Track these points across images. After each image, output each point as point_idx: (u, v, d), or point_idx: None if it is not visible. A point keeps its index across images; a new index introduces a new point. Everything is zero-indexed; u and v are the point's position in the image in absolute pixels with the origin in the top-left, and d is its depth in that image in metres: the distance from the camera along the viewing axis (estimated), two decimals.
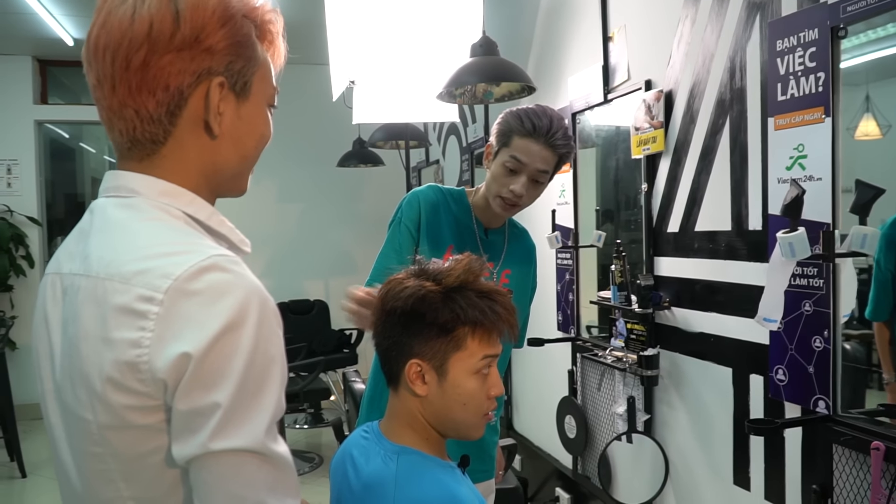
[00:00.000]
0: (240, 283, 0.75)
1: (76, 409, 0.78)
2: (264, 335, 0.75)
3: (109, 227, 0.81)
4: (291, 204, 6.26)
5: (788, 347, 1.73)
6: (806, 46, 1.63)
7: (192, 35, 0.78)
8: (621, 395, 2.49)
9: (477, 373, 1.09)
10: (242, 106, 0.86)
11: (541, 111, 1.68)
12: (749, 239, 1.90)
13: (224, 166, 0.87)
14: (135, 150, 0.82)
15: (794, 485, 1.78)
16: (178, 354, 0.71)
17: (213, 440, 0.72)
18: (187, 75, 0.79)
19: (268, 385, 0.75)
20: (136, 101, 0.79)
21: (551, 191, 3.06)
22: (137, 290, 0.73)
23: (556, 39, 3.07)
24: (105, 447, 0.77)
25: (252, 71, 0.85)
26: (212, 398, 0.71)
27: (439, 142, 4.99)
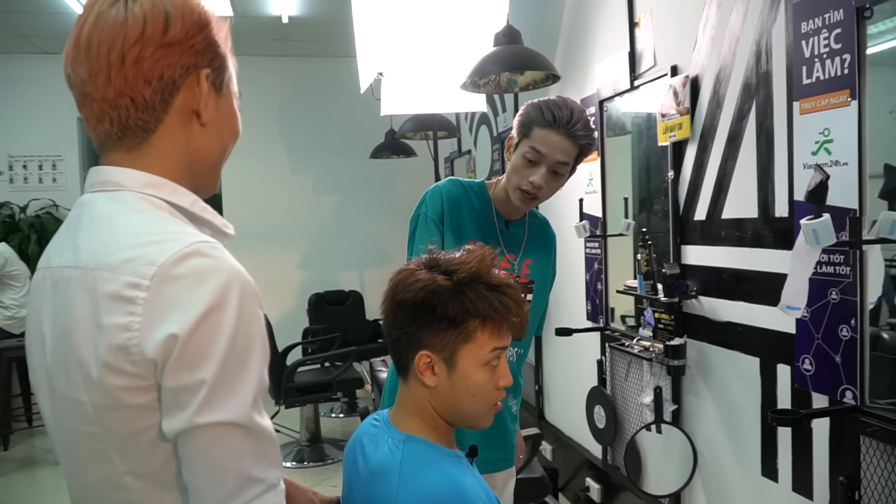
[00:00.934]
0: (221, 267, 0.79)
1: (70, 392, 0.82)
2: (246, 315, 0.79)
3: (97, 220, 0.85)
4: (326, 195, 6.32)
5: (815, 336, 1.70)
6: (831, 28, 1.59)
7: (181, 34, 0.86)
8: (648, 385, 2.47)
9: (486, 364, 1.09)
10: (221, 100, 0.94)
11: (562, 102, 1.66)
12: (775, 226, 1.86)
13: (207, 156, 0.94)
14: (125, 140, 0.88)
15: (821, 477, 1.74)
16: (167, 336, 0.76)
17: (199, 414, 0.77)
18: (178, 68, 0.87)
19: (250, 362, 0.80)
20: (132, 90, 0.85)
21: (579, 179, 3.04)
22: (125, 278, 0.78)
23: (583, 26, 3.04)
24: (101, 427, 0.81)
25: (226, 67, 0.94)
26: (197, 375, 0.77)
27: (471, 132, 4.98)
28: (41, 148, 5.90)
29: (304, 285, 6.14)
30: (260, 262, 6.13)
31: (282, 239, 6.19)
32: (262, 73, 6.10)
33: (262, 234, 6.12)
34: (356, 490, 1.11)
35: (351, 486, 1.13)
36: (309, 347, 5.35)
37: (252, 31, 5.45)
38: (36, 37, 5.36)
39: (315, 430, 4.61)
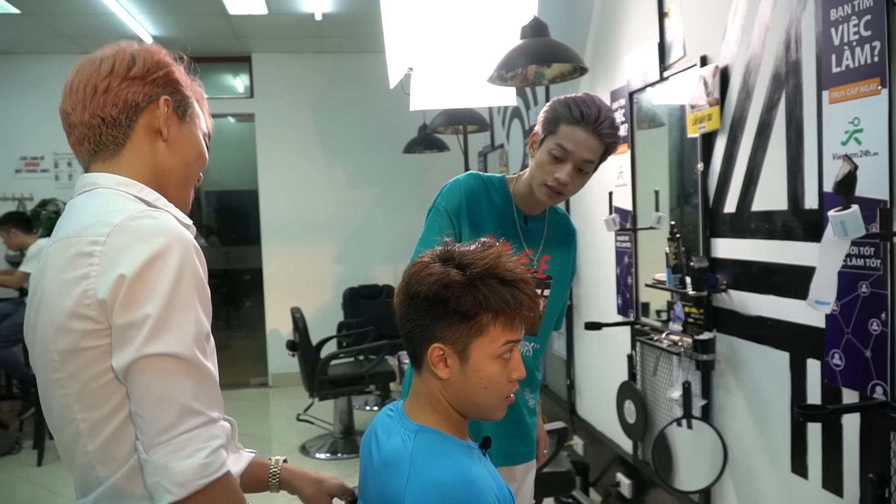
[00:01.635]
0: (165, 226, 0.95)
1: (44, 344, 0.97)
2: (187, 266, 0.93)
3: (75, 209, 1.03)
4: (361, 190, 6.36)
5: (844, 331, 1.66)
6: (860, 15, 1.55)
7: (142, 70, 1.07)
8: (678, 379, 2.44)
9: (498, 357, 1.09)
10: (184, 126, 1.12)
11: (589, 100, 1.65)
12: (805, 218, 1.82)
13: (171, 169, 1.11)
14: (100, 153, 1.06)
15: (851, 474, 1.71)
16: (116, 276, 0.90)
17: (146, 345, 0.89)
18: (140, 94, 1.07)
19: (192, 303, 0.93)
20: (103, 111, 1.05)
21: (609, 172, 3.01)
22: (87, 238, 0.94)
23: (613, 18, 3.01)
24: (63, 372, 0.95)
25: (189, 105, 1.13)
26: (143, 311, 0.90)
27: (503, 126, 4.96)
28: None
29: (339, 279, 6.20)
30: (296, 256, 6.22)
31: (317, 233, 6.25)
32: (297, 70, 6.16)
33: (298, 228, 6.20)
34: (370, 479, 1.12)
35: (366, 474, 1.15)
36: (343, 341, 5.41)
37: (286, 29, 5.50)
38: (78, 37, 5.49)
39: (348, 422, 4.66)
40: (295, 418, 4.71)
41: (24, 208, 5.88)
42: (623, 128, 2.88)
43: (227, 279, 8.80)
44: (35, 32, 5.34)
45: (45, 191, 5.96)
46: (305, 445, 4.60)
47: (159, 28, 5.38)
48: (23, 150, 6.02)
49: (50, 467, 4.31)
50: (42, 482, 4.08)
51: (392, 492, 1.03)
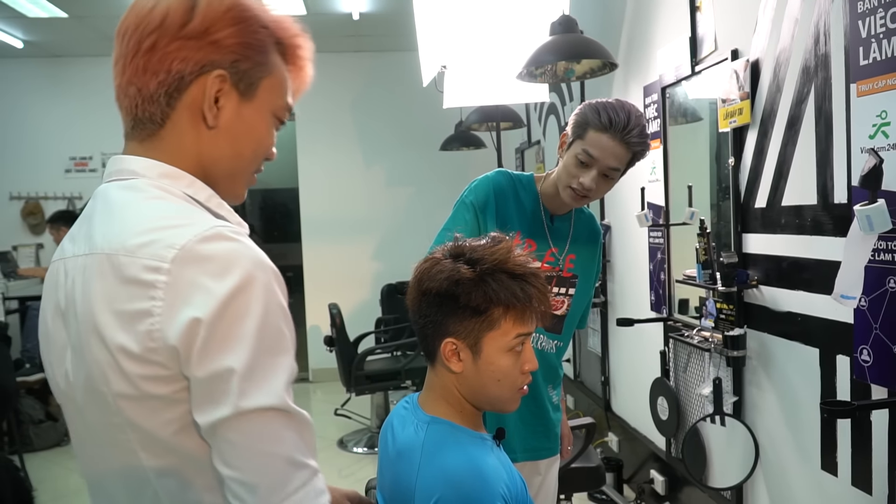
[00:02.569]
0: (244, 251, 0.77)
1: (92, 383, 0.79)
2: (272, 299, 0.77)
3: (111, 207, 0.84)
4: (400, 187, 6.42)
5: (873, 327, 1.64)
6: (887, 6, 1.53)
7: (201, 27, 0.82)
8: (708, 376, 2.43)
9: (510, 350, 1.11)
10: (245, 106, 0.88)
11: (619, 106, 1.65)
12: (834, 213, 1.80)
13: (219, 160, 0.88)
14: (137, 130, 0.87)
15: (881, 471, 1.69)
16: (189, 320, 0.73)
17: (241, 400, 0.74)
18: (191, 63, 0.83)
19: (281, 345, 0.78)
20: (140, 79, 0.84)
21: (641, 168, 2.99)
22: (143, 261, 0.75)
23: (646, 13, 2.99)
24: (121, 417, 0.78)
25: (260, 75, 0.88)
26: (228, 362, 0.73)
27: (540, 122, 4.96)
28: None
29: (378, 276, 6.26)
30: (335, 253, 6.31)
31: (356, 231, 6.33)
32: (335, 69, 6.23)
33: (338, 225, 6.28)
34: (386, 469, 1.16)
35: (382, 465, 1.18)
36: (380, 337, 5.47)
37: (325, 29, 5.58)
38: None
39: (385, 416, 4.70)
40: (333, 413, 4.79)
41: (74, 207, 6.07)
42: (656, 123, 2.86)
43: None
44: (82, 35, 5.51)
45: (94, 190, 6.10)
46: (343, 439, 4.67)
47: None
48: (72, 151, 6.21)
49: None
50: None
51: (405, 481, 1.06)
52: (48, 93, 6.12)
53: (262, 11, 0.88)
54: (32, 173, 6.16)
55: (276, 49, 0.90)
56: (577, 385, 4.29)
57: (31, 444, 4.50)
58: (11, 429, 4.26)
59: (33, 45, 5.75)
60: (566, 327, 1.81)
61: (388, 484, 1.12)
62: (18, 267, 5.82)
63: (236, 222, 0.88)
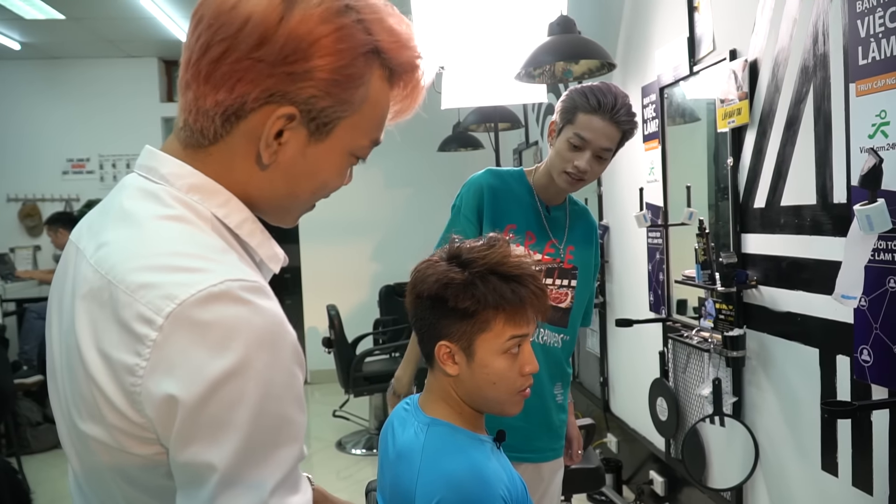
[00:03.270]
0: (251, 321, 0.64)
1: (73, 414, 0.70)
2: (277, 380, 0.64)
3: (125, 219, 0.72)
4: (398, 189, 6.42)
5: (873, 327, 1.64)
6: (886, 6, 1.53)
7: (281, 53, 0.68)
8: (708, 376, 2.42)
9: (505, 353, 1.10)
10: (313, 146, 0.75)
11: (605, 88, 1.69)
12: (834, 213, 1.80)
13: (269, 197, 0.77)
14: (186, 132, 0.74)
15: (881, 471, 1.68)
16: (164, 395, 0.62)
17: (214, 501, 0.63)
18: (258, 89, 0.69)
19: (279, 439, 0.65)
20: (198, 87, 0.71)
21: (640, 168, 3.00)
22: (139, 308, 0.64)
23: (644, 13, 2.99)
24: (101, 459, 0.69)
25: (342, 115, 0.74)
26: (207, 456, 0.62)
27: (538, 122, 4.96)
28: (128, 147, 6.20)
29: (376, 277, 6.26)
30: (334, 255, 6.30)
31: (354, 232, 6.32)
32: None
33: (336, 226, 6.27)
34: (386, 470, 1.15)
35: (382, 466, 1.18)
36: (379, 338, 5.46)
37: None
38: (121, 41, 5.64)
39: (384, 418, 4.67)
40: (331, 414, 4.78)
41: (71, 209, 6.06)
42: (654, 123, 2.86)
43: None
44: (80, 37, 5.51)
45: (91, 192, 6.14)
46: (342, 441, 4.66)
47: None
48: (69, 153, 6.21)
49: None
50: None
51: (404, 483, 1.06)
52: (46, 95, 6.12)
53: (378, 28, 0.73)
54: (30, 175, 6.15)
55: (381, 73, 0.75)
56: (575, 386, 4.28)
57: (29, 447, 4.49)
58: (9, 431, 4.25)
59: (31, 47, 5.74)
60: (572, 320, 1.81)
61: (389, 485, 1.12)
62: (16, 269, 5.81)
63: (267, 256, 0.79)
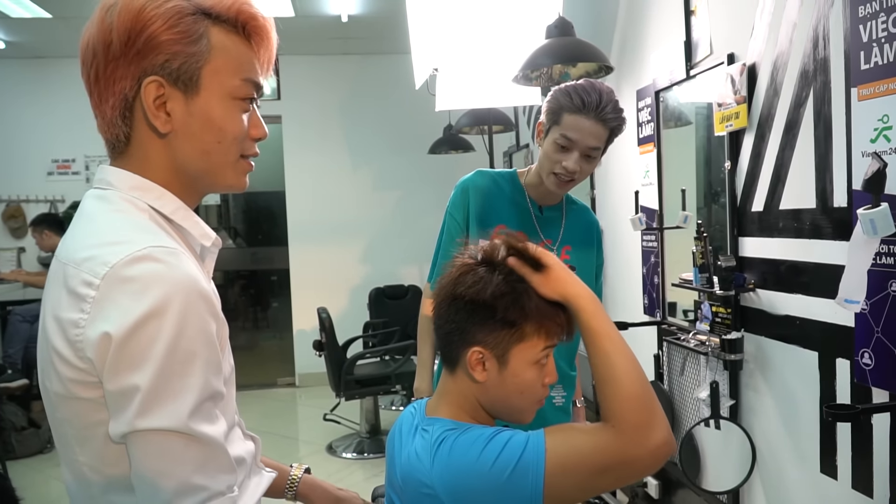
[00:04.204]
0: (169, 274, 0.79)
1: (42, 377, 0.87)
2: (190, 323, 0.79)
3: (81, 216, 0.89)
4: (387, 191, 6.40)
5: (874, 330, 1.64)
6: (889, 11, 1.53)
7: (121, 42, 0.84)
8: (705, 379, 2.43)
9: (536, 363, 1.09)
10: (192, 101, 0.88)
11: (589, 86, 1.68)
12: (834, 217, 1.81)
13: (186, 163, 0.90)
14: (111, 151, 0.91)
15: (882, 474, 1.69)
16: (101, 334, 0.77)
17: (138, 419, 0.77)
18: (128, 80, 0.85)
19: (192, 369, 0.79)
20: (99, 110, 0.89)
21: (635, 171, 3.00)
22: (82, 275, 0.80)
23: (639, 16, 3.00)
24: (61, 413, 0.85)
25: (198, 65, 0.87)
26: (133, 380, 0.77)
27: (528, 126, 4.96)
28: None
29: (365, 280, 6.23)
30: (322, 257, 6.27)
31: (343, 234, 6.30)
32: (323, 72, 6.21)
33: (325, 229, 6.25)
34: (395, 475, 1.14)
35: (391, 471, 1.16)
36: (369, 341, 5.44)
37: (313, 31, 5.55)
38: None
39: (375, 422, 4.69)
40: (322, 418, 4.75)
41: (56, 210, 6.00)
42: (649, 126, 2.87)
43: (254, 280, 8.92)
44: (66, 36, 5.45)
45: (77, 193, 6.07)
46: (332, 445, 4.64)
47: None
48: (54, 153, 6.14)
49: None
50: None
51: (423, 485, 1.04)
52: (31, 94, 6.05)
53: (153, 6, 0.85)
54: (14, 176, 6.08)
55: (221, 27, 0.89)
56: None
57: (13, 452, 4.42)
58: None
59: (16, 46, 5.68)
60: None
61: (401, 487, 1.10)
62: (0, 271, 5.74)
63: (200, 234, 0.93)
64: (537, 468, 0.97)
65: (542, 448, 0.98)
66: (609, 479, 0.99)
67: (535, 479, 0.97)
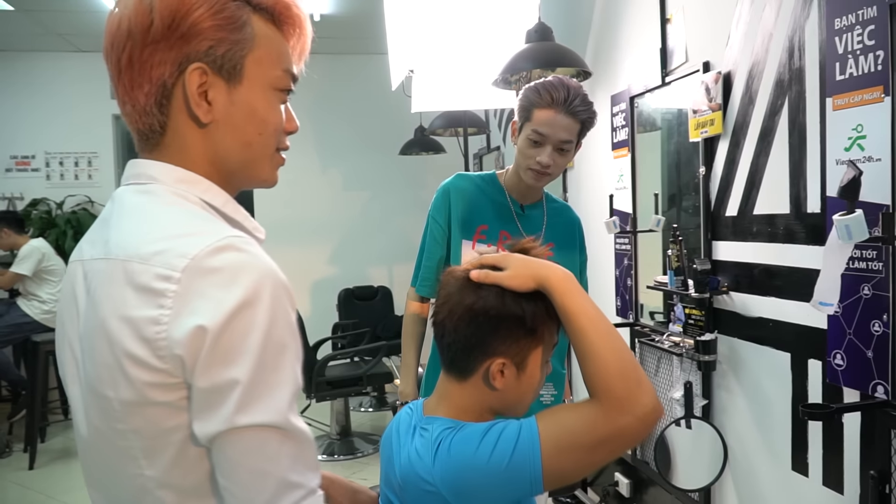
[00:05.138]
0: (254, 263, 0.76)
1: (98, 387, 0.80)
2: (279, 313, 0.76)
3: (128, 211, 0.84)
4: (357, 192, 6.38)
5: (847, 332, 1.70)
6: (864, 24, 1.59)
7: (163, 25, 0.80)
8: (678, 380, 2.48)
9: (547, 362, 1.12)
10: (235, 91, 0.85)
11: (557, 82, 1.74)
12: (808, 222, 1.87)
13: (226, 155, 0.87)
14: (143, 142, 0.87)
15: (852, 471, 1.75)
16: (194, 327, 0.72)
17: (237, 415, 0.73)
18: (168, 65, 0.81)
19: (285, 360, 0.76)
20: (130, 97, 0.83)
21: (609, 175, 3.05)
22: (155, 270, 0.75)
23: (614, 22, 3.05)
24: (127, 424, 0.78)
25: (242, 53, 0.84)
26: (231, 374, 0.73)
27: (500, 128, 5.00)
28: (77, 145, 6.02)
29: (335, 281, 6.21)
30: (291, 258, 6.22)
31: (313, 235, 6.26)
32: None
33: (294, 229, 6.20)
34: (392, 477, 1.14)
35: (388, 472, 1.17)
36: (339, 342, 5.42)
37: None
38: (72, 35, 5.47)
39: (345, 423, 4.67)
40: None
41: (14, 207, 5.85)
42: (623, 132, 2.92)
43: None
44: (28, 30, 5.33)
45: (36, 190, 5.94)
46: None
47: None
48: (13, 149, 5.98)
49: (42, 471, 4.28)
50: (34, 486, 4.06)
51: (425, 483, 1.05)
52: None
53: None
54: None
55: (260, 16, 0.87)
56: None
57: None
58: None
59: None
60: None
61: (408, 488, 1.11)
62: None
63: (252, 227, 0.89)
64: (533, 454, 0.98)
65: (536, 433, 0.99)
66: (604, 452, 1.00)
67: (533, 464, 0.98)
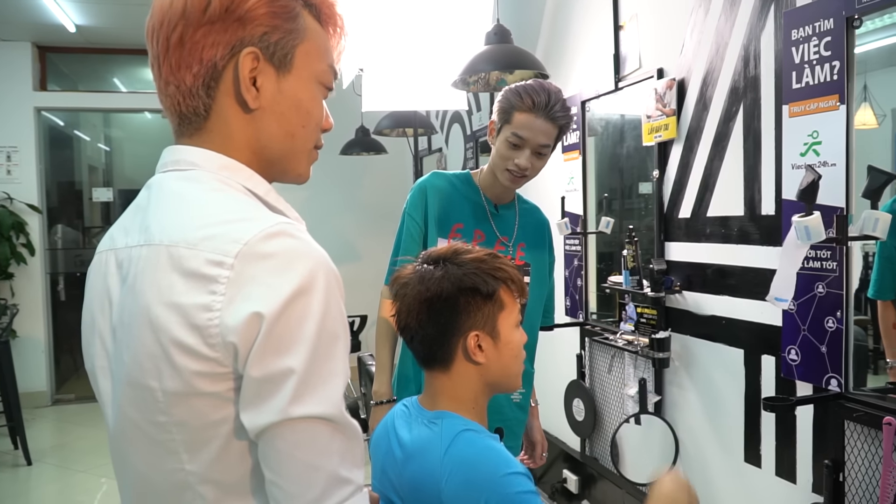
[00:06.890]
0: (308, 250, 0.75)
1: (138, 378, 0.76)
2: (332, 302, 0.74)
3: (170, 198, 0.81)
4: (294, 192, 6.20)
5: (801, 328, 1.79)
6: (821, 36, 1.68)
7: (221, 7, 0.79)
8: (632, 377, 2.55)
9: (518, 325, 1.18)
10: (284, 80, 0.84)
11: (538, 86, 1.77)
12: (762, 223, 1.95)
13: (269, 143, 0.85)
14: (184, 126, 0.84)
15: (805, 461, 1.84)
16: (250, 314, 0.70)
17: (292, 406, 0.70)
18: (221, 47, 0.80)
19: (338, 350, 0.75)
20: (176, 77, 0.81)
21: (561, 178, 3.11)
22: (206, 255, 0.72)
23: (566, 27, 3.11)
24: (170, 416, 0.75)
25: (294, 43, 0.84)
26: (286, 363, 0.70)
27: (442, 130, 5.02)
28: None
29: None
30: None
31: None
32: None
33: None
34: (392, 473, 1.14)
35: (385, 469, 1.16)
36: None
37: None
38: None
39: None
40: None
41: None
42: (574, 135, 2.98)
43: None
44: None
45: None
46: None
47: (84, 17, 5.14)
48: None
49: None
50: None
51: (426, 476, 1.05)
52: None
53: None
54: None
55: (308, 11, 0.86)
56: None
57: None
58: None
59: None
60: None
61: (405, 485, 1.11)
62: None
63: (295, 218, 0.85)
64: None
65: None
66: None
67: None
